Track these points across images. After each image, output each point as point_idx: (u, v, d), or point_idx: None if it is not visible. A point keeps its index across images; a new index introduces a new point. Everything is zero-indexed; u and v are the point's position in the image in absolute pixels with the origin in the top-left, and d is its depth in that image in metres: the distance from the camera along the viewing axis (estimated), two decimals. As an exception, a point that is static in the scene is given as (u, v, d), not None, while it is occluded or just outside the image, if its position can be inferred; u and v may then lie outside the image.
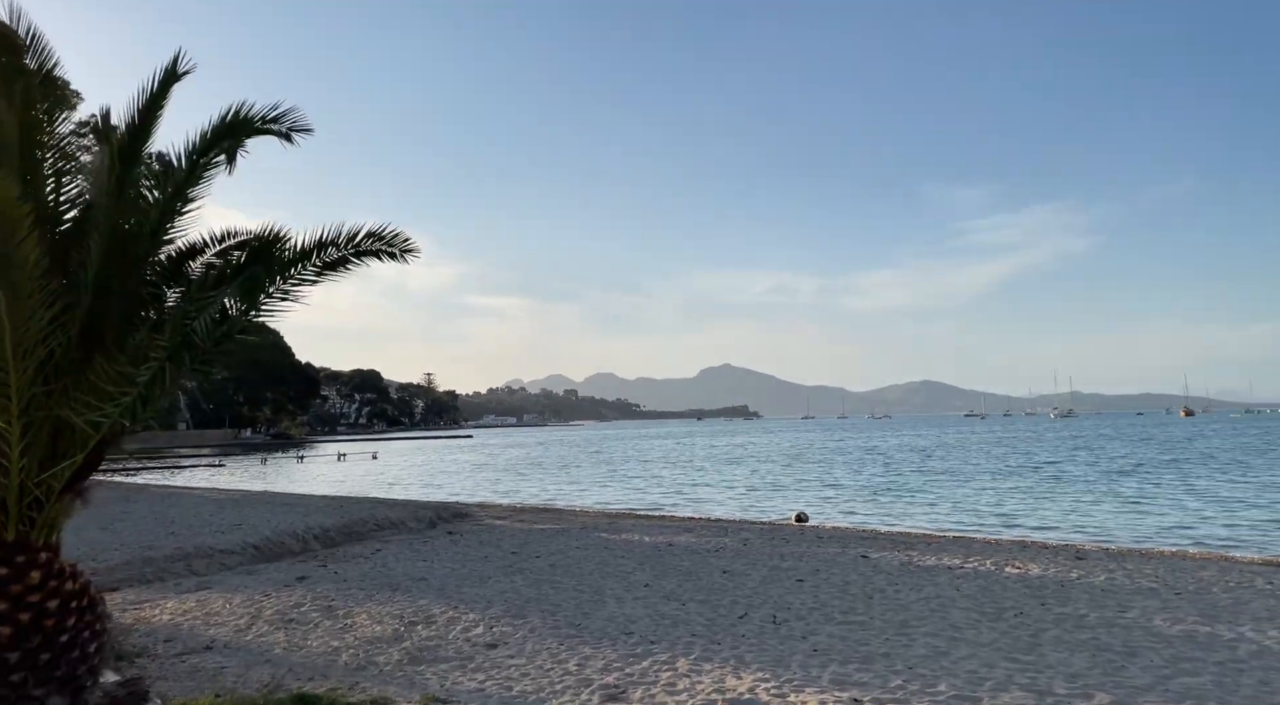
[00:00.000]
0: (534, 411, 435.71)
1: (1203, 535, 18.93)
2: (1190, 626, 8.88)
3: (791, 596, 10.74)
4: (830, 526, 20.61)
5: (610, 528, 19.01)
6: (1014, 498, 27.55)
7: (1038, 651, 8.01)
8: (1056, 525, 20.96)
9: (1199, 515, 22.35)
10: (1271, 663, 7.46)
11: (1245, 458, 44.87)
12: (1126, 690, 6.78)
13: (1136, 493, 28.34)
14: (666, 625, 9.29)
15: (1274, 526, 20.02)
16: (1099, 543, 17.56)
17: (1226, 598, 10.41)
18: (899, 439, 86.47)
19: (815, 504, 26.89)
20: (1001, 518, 22.74)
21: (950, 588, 11.20)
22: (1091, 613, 9.62)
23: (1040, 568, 12.83)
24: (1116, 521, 21.50)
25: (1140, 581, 11.61)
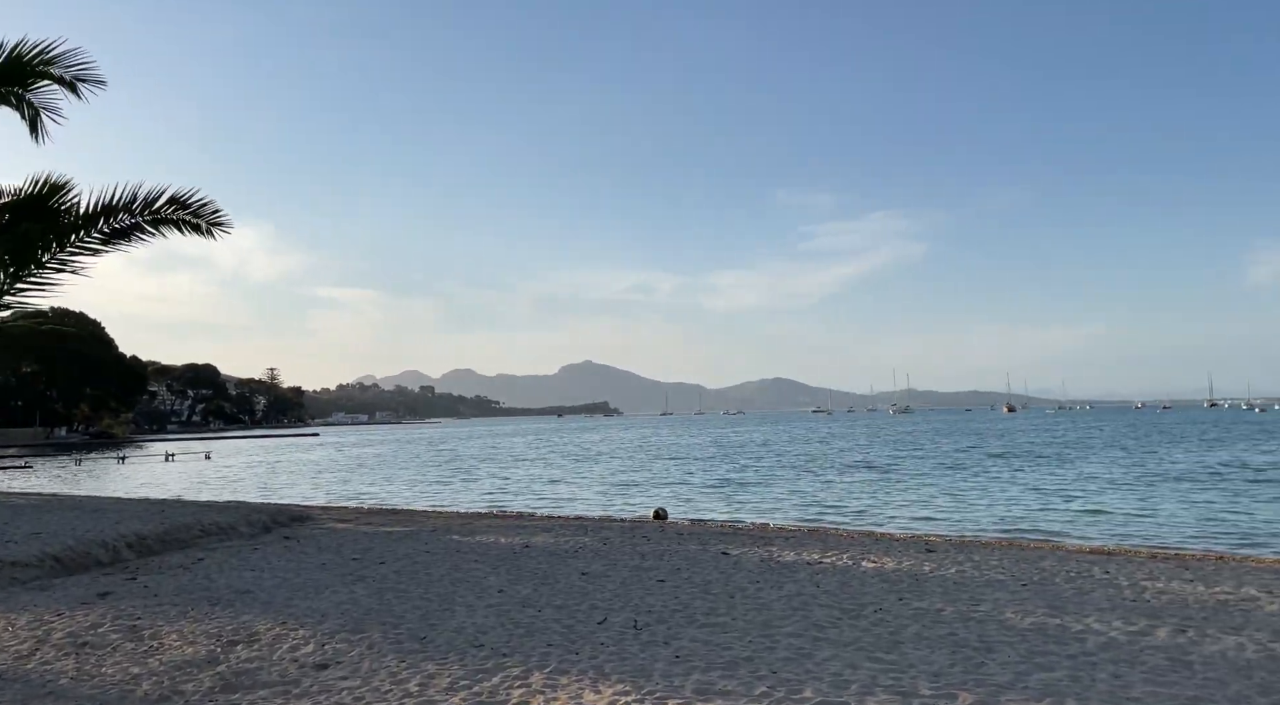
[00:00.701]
0: (387, 409, 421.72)
1: (1034, 525, 19.93)
2: (1040, 619, 9.03)
3: (653, 598, 10.32)
4: (689, 522, 20.46)
5: (464, 529, 18.11)
6: (859, 491, 28.40)
7: (899, 650, 7.88)
8: (898, 516, 21.63)
9: (1028, 506, 23.63)
10: (1120, 655, 7.58)
11: (1065, 451, 48.40)
12: (988, 689, 6.68)
13: (968, 485, 29.82)
14: (521, 635, 8.65)
15: (1093, 516, 21.36)
16: (943, 534, 18.15)
17: (1069, 588, 10.75)
18: (751, 434, 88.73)
19: (673, 500, 26.81)
20: (849, 511, 23.29)
21: (811, 584, 11.08)
22: (947, 607, 9.67)
23: (895, 561, 12.98)
24: (956, 513, 22.40)
25: (989, 573, 11.89)
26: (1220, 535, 17.93)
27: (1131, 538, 17.72)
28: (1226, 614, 9.18)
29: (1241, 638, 8.10)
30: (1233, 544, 16.77)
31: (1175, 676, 6.92)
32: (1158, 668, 7.18)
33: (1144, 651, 7.69)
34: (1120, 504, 23.38)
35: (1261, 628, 8.50)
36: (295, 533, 17.60)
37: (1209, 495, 25.13)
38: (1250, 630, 8.41)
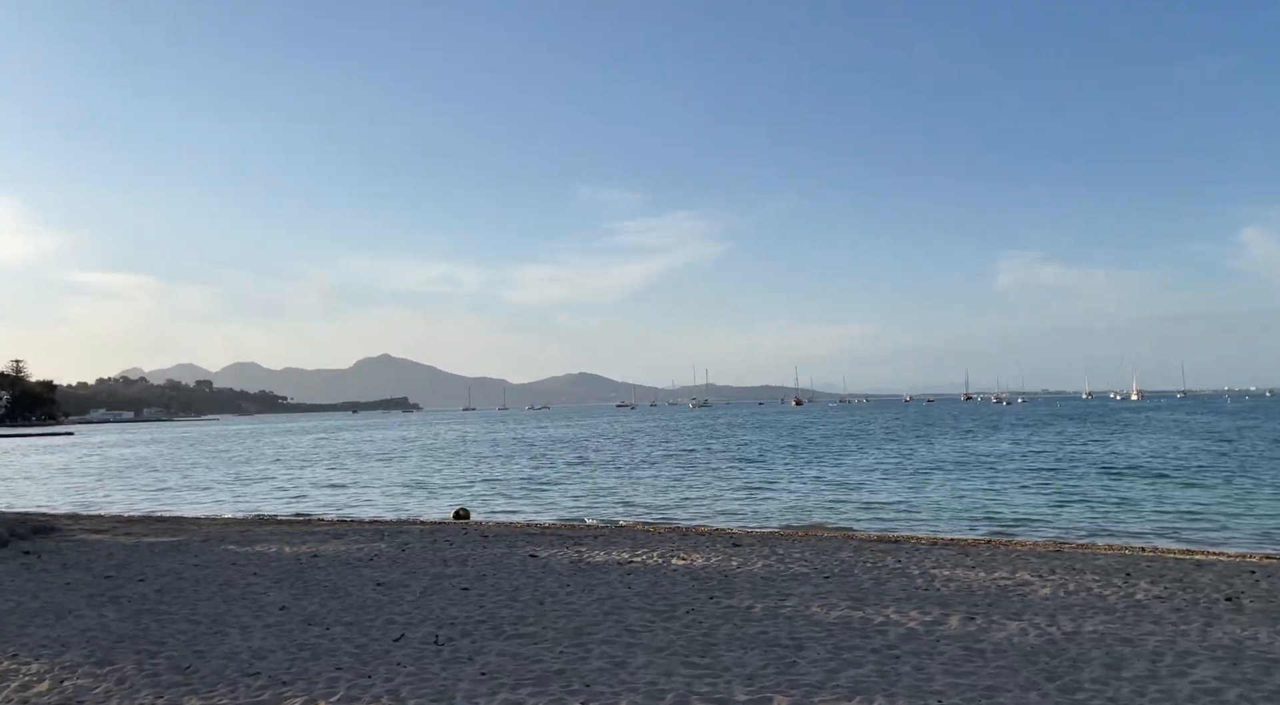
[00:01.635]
0: (157, 405, 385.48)
1: (828, 514, 20.86)
2: (845, 612, 9.20)
3: (456, 609, 9.65)
4: (494, 523, 19.76)
5: (240, 539, 16.46)
6: (665, 485, 28.76)
7: (713, 653, 7.71)
8: (703, 510, 22.01)
9: (820, 497, 24.77)
10: (920, 647, 7.79)
11: (844, 442, 51.68)
12: (802, 690, 6.60)
13: (764, 476, 30.98)
14: (305, 658, 7.73)
15: (874, 506, 22.69)
16: (746, 527, 18.56)
17: (868, 579, 11.12)
18: (555, 430, 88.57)
19: (475, 500, 25.95)
20: (656, 506, 23.45)
21: (622, 586, 10.80)
22: (757, 604, 9.67)
23: (703, 557, 12.99)
24: (753, 505, 23.10)
25: (793, 567, 12.12)
26: (985, 520, 19.48)
27: (916, 526, 18.88)
28: (1007, 600, 9.77)
29: (1023, 623, 8.59)
30: (996, 529, 18.22)
31: (971, 666, 7.15)
32: (955, 658, 7.42)
33: (940, 641, 7.96)
34: (897, 492, 25.02)
35: (1039, 612, 9.08)
36: (37, 546, 15.30)
37: (972, 483, 27.42)
38: (1029, 615, 8.95)
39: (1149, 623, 8.59)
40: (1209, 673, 6.82)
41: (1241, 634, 8.07)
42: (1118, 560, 12.81)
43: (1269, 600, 9.58)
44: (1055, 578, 11.08)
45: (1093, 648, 7.65)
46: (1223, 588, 10.34)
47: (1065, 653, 7.50)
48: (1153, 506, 20.99)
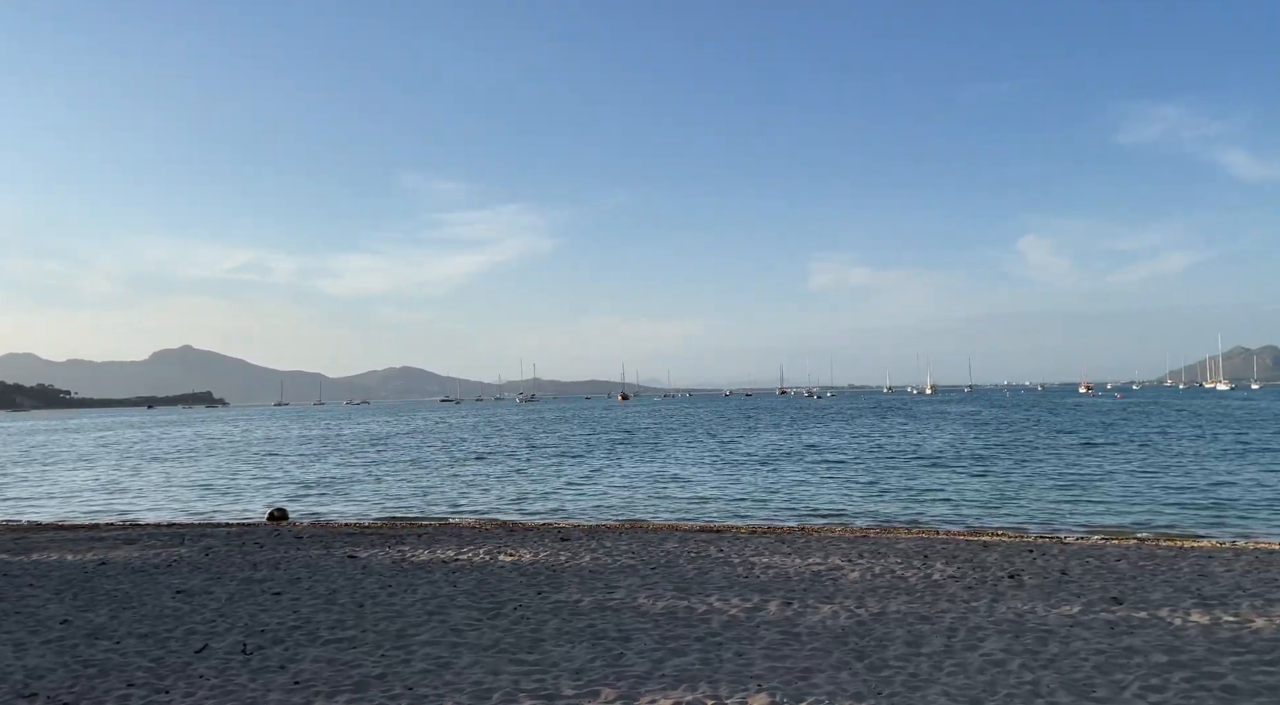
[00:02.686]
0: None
1: (653, 506, 21.26)
2: (670, 602, 9.39)
3: (267, 615, 9.07)
4: (311, 524, 18.78)
5: (15, 546, 14.78)
6: (492, 480, 28.37)
7: (541, 648, 7.66)
8: (536, 506, 21.88)
9: (648, 489, 25.23)
10: (741, 633, 8.07)
11: (668, 435, 52.97)
12: (629, 681, 6.67)
13: (591, 470, 31.22)
14: (92, 675, 7.03)
15: (700, 499, 23.39)
16: (574, 521, 18.60)
17: (692, 569, 11.40)
18: (374, 425, 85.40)
19: (288, 499, 24.57)
20: (481, 502, 23.09)
21: (447, 584, 10.53)
22: (585, 597, 9.70)
23: (531, 553, 12.89)
24: (581, 499, 23.21)
25: (620, 559, 12.25)
26: (800, 509, 20.50)
27: (737, 516, 19.58)
28: (821, 584, 10.30)
29: (835, 606, 9.09)
30: (811, 517, 19.22)
31: (788, 650, 7.48)
32: (773, 642, 7.73)
33: (760, 627, 8.27)
34: (717, 484, 25.91)
35: (849, 595, 9.63)
36: None
37: (786, 474, 28.80)
38: (841, 598, 9.48)
39: (945, 601, 9.30)
40: (996, 645, 7.47)
41: (1023, 608, 8.89)
42: (917, 544, 13.81)
43: (1045, 576, 10.62)
44: (863, 562, 11.79)
45: (896, 626, 8.19)
46: (1006, 566, 11.37)
47: (872, 632, 7.99)
48: (947, 493, 22.81)
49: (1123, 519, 18.08)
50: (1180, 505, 19.77)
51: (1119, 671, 6.63)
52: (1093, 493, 22.12)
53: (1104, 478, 25.32)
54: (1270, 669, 6.59)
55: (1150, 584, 10.01)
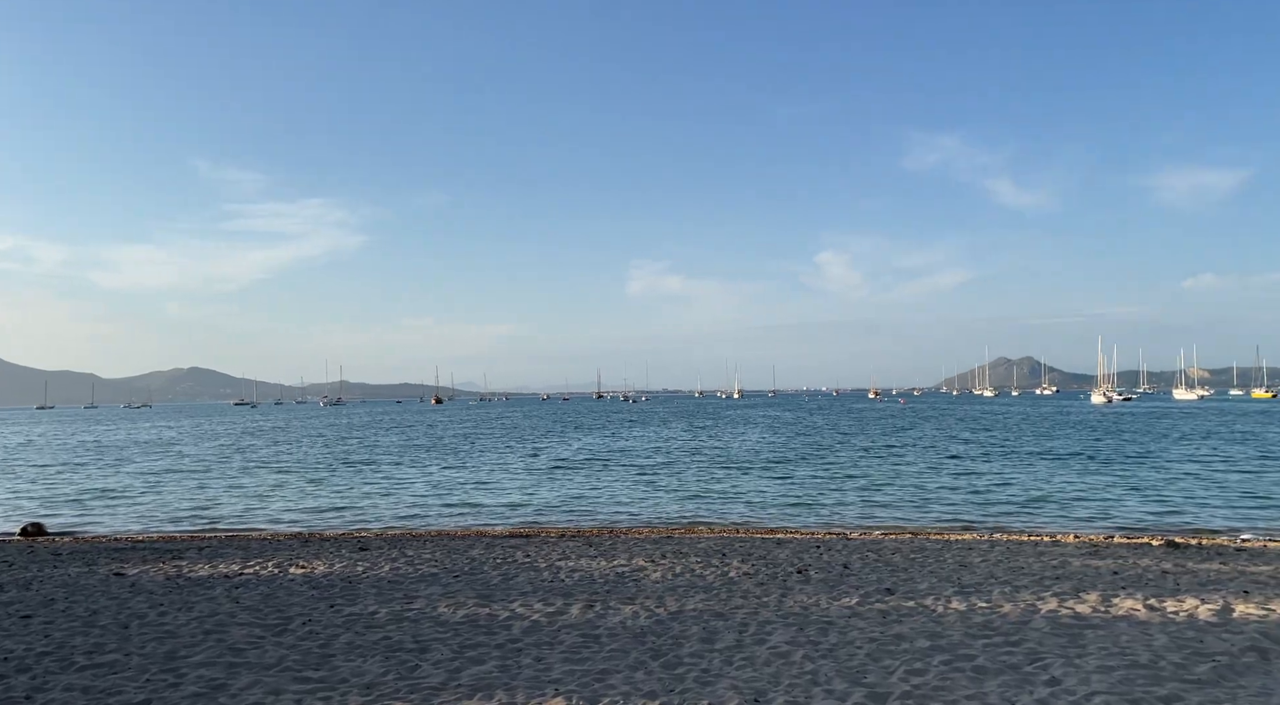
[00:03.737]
0: None
1: (462, 512, 20.84)
2: (472, 610, 9.22)
3: (13, 641, 8.09)
4: (72, 538, 16.96)
5: None
6: (280, 488, 26.82)
7: (330, 664, 7.29)
8: (328, 515, 20.87)
9: (455, 494, 24.72)
10: (542, 638, 8.05)
11: (478, 440, 52.23)
12: (422, 693, 6.49)
13: (394, 475, 30.23)
14: None
15: (513, 505, 23.21)
16: (378, 530, 17.90)
17: (497, 575, 11.26)
18: (153, 431, 78.57)
19: (46, 512, 22.11)
20: (268, 513, 21.77)
21: (229, 601, 9.81)
22: (382, 609, 9.34)
23: (326, 564, 12.27)
24: (383, 506, 22.40)
25: (422, 568, 11.90)
26: (612, 509, 20.78)
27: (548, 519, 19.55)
28: (624, 585, 10.47)
29: (636, 606, 9.26)
30: (619, 518, 19.52)
31: (588, 652, 7.54)
32: (573, 645, 7.77)
33: (561, 631, 8.29)
34: (528, 488, 25.81)
35: (650, 595, 9.85)
36: None
37: (598, 476, 29.14)
38: (642, 598, 9.67)
39: (739, 597, 9.70)
40: (782, 638, 7.87)
41: (808, 601, 9.42)
42: (717, 543, 14.34)
43: (829, 571, 11.32)
44: (665, 562, 12.10)
45: (693, 624, 8.46)
46: (796, 562, 12.02)
47: (670, 631, 8.20)
48: (749, 493, 23.85)
49: (905, 515, 19.60)
50: (953, 504, 21.69)
51: (888, 657, 7.16)
52: (878, 491, 23.85)
53: (892, 477, 27.37)
54: (1014, 649, 7.34)
55: (919, 575, 10.90)
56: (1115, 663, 6.83)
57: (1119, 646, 7.33)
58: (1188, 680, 6.35)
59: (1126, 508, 20.36)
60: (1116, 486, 24.30)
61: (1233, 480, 25.60)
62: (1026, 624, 8.21)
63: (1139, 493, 22.99)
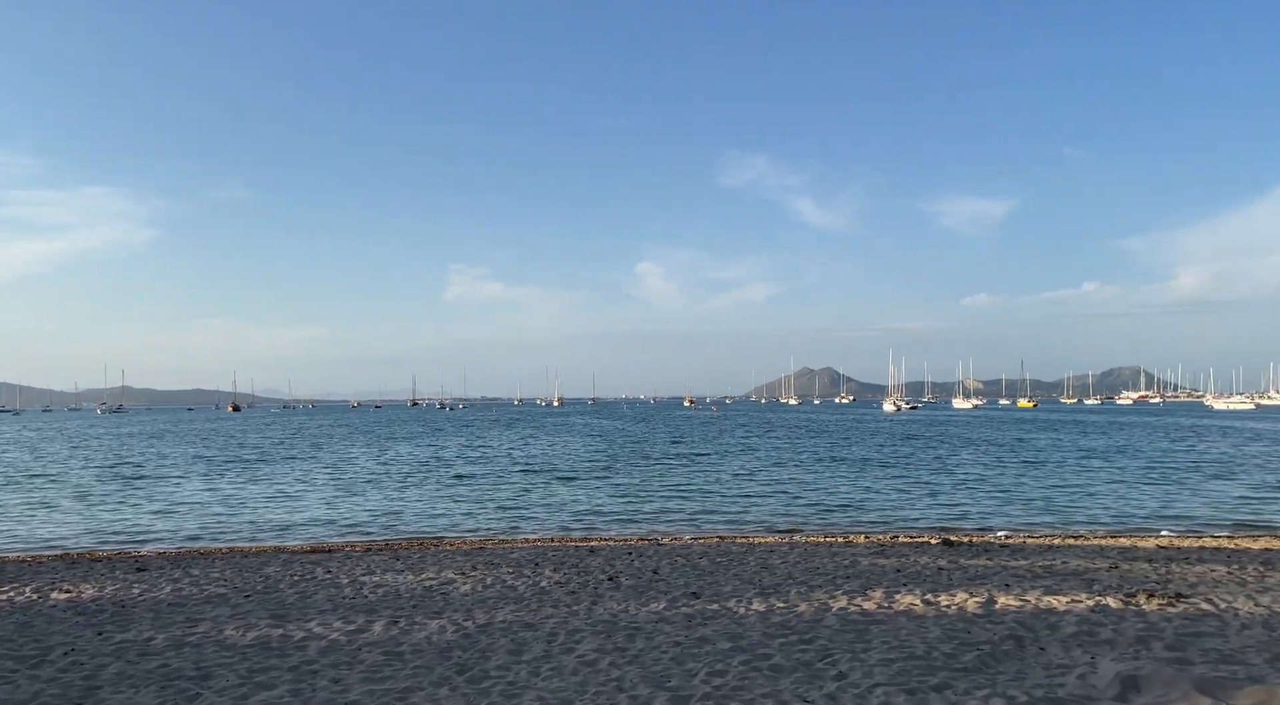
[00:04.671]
0: None
1: (256, 528, 19.55)
2: (264, 632, 8.65)
3: None
4: None
5: None
6: (44, 504, 24.17)
7: (95, 697, 6.62)
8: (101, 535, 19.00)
9: (252, 511, 23.16)
10: (340, 658, 7.67)
11: (281, 450, 49.36)
12: (205, 723, 6.01)
13: (181, 490, 28.02)
14: None
15: (321, 521, 22.03)
16: (158, 548, 16.46)
17: (293, 594, 10.62)
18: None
19: None
20: (24, 533, 19.55)
21: (-27, 634, 8.68)
22: (159, 634, 8.58)
23: (95, 587, 11.13)
24: (167, 522, 20.68)
25: (209, 588, 11.04)
26: (420, 522, 20.17)
27: (353, 533, 18.68)
28: (431, 599, 10.17)
29: (443, 621, 9.02)
30: (431, 530, 18.98)
31: (390, 670, 7.26)
32: (374, 664, 7.46)
33: (362, 649, 7.94)
34: (334, 501, 24.61)
35: (458, 608, 9.62)
36: None
37: (416, 488, 28.22)
38: (450, 612, 9.43)
39: (549, 607, 9.67)
40: (590, 646, 7.91)
41: (618, 609, 9.53)
42: (530, 553, 14.25)
43: (639, 576, 11.51)
44: (476, 574, 11.88)
45: (501, 636, 8.34)
46: (608, 569, 12.14)
47: (477, 644, 8.04)
48: (569, 500, 23.88)
49: (719, 518, 20.28)
50: (768, 508, 22.67)
51: (691, 660, 7.36)
52: (695, 496, 24.56)
53: (710, 483, 28.24)
54: (807, 646, 7.75)
55: (724, 578, 11.30)
56: (895, 655, 7.35)
57: (899, 640, 7.90)
58: (956, 669, 6.94)
59: (917, 509, 22.07)
60: (906, 489, 26.30)
61: (1004, 482, 28.36)
62: (819, 622, 8.69)
63: (924, 495, 24.99)
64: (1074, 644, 7.59)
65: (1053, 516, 20.72)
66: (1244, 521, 19.73)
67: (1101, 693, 6.10)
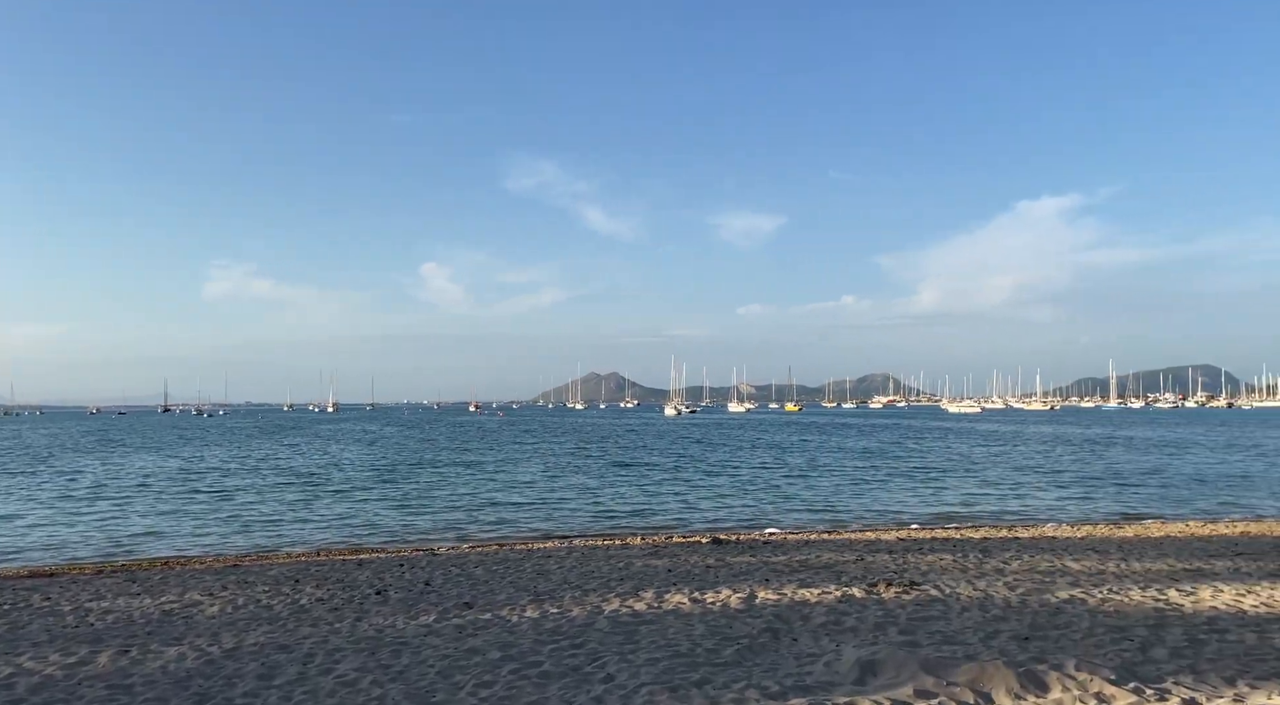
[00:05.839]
0: None
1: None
2: (-43, 672, 7.47)
3: None
4: None
5: None
6: None
7: None
8: None
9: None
10: (55, 695, 6.76)
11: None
12: None
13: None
14: None
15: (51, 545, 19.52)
16: None
17: (3, 625, 9.28)
18: None
19: None
20: None
21: None
22: None
23: None
24: None
25: (-112, 625, 9.41)
26: (166, 541, 18.37)
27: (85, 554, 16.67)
28: (170, 624, 9.24)
29: (184, 647, 8.21)
30: (168, 549, 17.33)
31: (115, 704, 6.50)
32: (96, 700, 6.65)
33: (83, 684, 7.06)
34: (57, 519, 21.94)
35: (202, 633, 8.80)
36: None
37: (160, 503, 25.67)
38: (192, 637, 8.61)
39: (308, 626, 9.08)
40: (351, 665, 7.49)
41: (384, 624, 9.12)
42: (291, 569, 13.36)
43: (410, 588, 11.10)
44: (227, 594, 10.96)
45: (251, 660, 7.71)
46: (376, 582, 11.61)
47: (222, 671, 7.39)
48: (341, 513, 22.65)
49: (499, 526, 20.00)
50: (543, 514, 22.65)
51: (459, 673, 7.16)
52: (476, 505, 24.10)
53: (494, 490, 27.81)
54: (577, 651, 7.77)
55: (499, 586, 11.14)
56: (661, 654, 7.54)
57: (666, 639, 8.11)
58: (717, 663, 7.22)
59: (699, 510, 22.92)
60: (685, 491, 27.28)
61: (775, 481, 30.13)
62: (591, 625, 8.76)
63: (703, 497, 26.03)
64: (823, 633, 8.14)
65: (812, 513, 22.27)
66: (971, 514, 22.17)
67: (843, 677, 6.56)
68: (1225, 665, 6.79)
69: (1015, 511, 22.50)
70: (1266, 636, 7.74)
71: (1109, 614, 8.80)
